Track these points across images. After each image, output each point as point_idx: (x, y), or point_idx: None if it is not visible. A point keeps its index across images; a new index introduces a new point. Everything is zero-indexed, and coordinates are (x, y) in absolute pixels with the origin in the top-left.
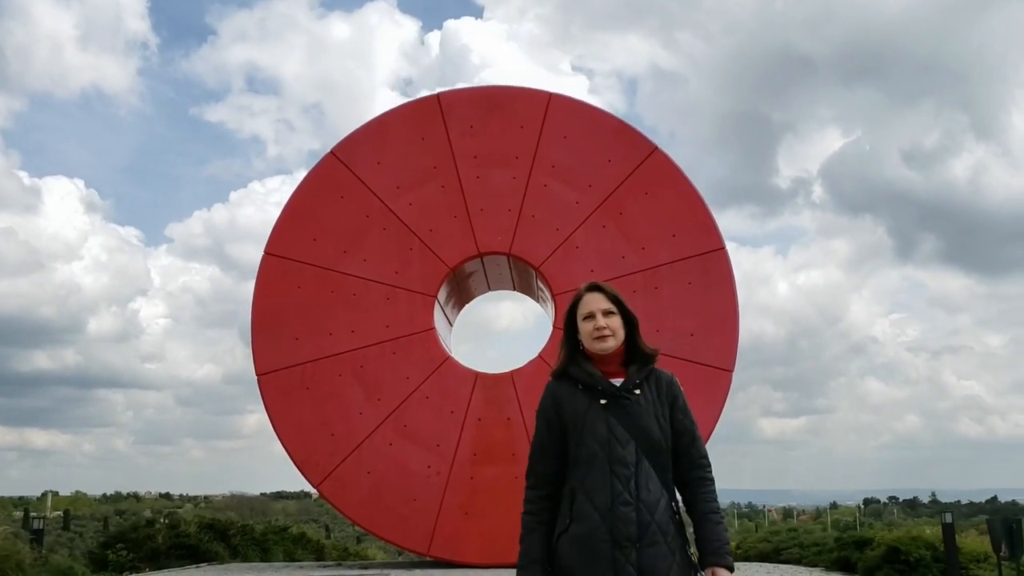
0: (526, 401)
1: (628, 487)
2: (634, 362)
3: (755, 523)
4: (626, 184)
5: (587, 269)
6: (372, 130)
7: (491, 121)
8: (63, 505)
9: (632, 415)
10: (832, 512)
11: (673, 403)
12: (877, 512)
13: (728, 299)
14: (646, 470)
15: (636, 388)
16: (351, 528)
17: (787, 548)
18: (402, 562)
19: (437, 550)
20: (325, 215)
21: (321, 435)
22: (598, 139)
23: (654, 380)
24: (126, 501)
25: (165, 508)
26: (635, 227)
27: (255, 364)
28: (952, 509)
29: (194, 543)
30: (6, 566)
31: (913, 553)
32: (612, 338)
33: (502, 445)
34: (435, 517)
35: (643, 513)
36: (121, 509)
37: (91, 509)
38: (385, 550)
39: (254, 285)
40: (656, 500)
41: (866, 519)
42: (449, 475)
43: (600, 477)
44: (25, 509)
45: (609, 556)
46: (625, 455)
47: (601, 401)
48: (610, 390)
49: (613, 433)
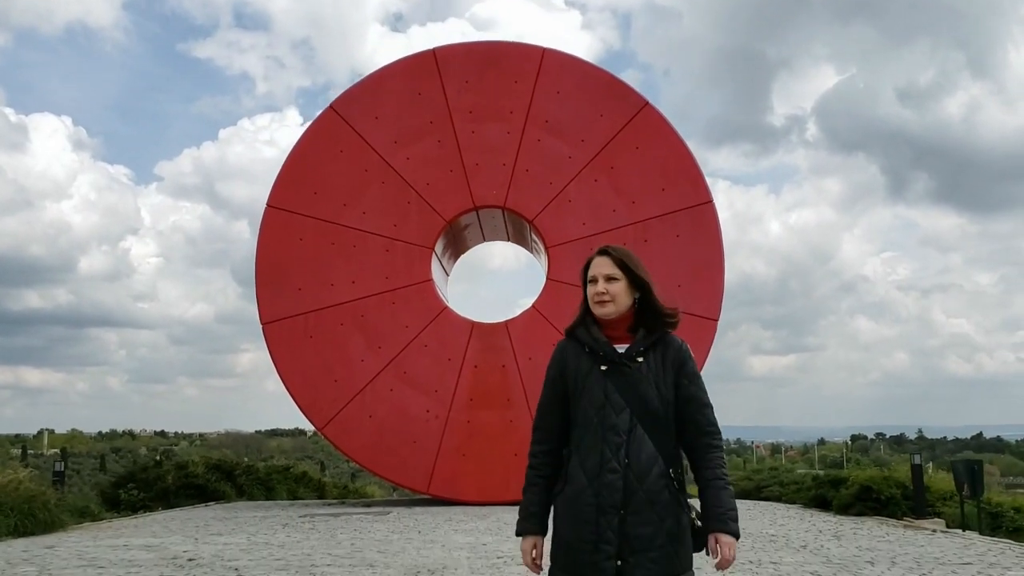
0: (520, 349)
1: (618, 454)
2: (645, 326)
3: (743, 459)
4: (617, 139)
5: (579, 222)
6: (370, 85)
7: (486, 76)
8: (60, 443)
9: (631, 382)
10: (820, 448)
11: (680, 370)
12: (864, 448)
13: (715, 251)
14: (639, 438)
15: (639, 355)
16: (346, 464)
17: (768, 486)
18: (403, 499)
19: (436, 489)
20: (325, 169)
21: (324, 381)
22: (590, 94)
23: (662, 347)
24: (122, 439)
25: (161, 446)
26: (626, 181)
27: (260, 313)
28: (938, 445)
29: (202, 483)
30: (34, 505)
31: (884, 492)
32: (611, 304)
33: (497, 391)
34: (434, 458)
35: (631, 481)
36: (117, 447)
37: (87, 447)
38: (381, 486)
39: (257, 237)
40: (647, 468)
41: (853, 455)
42: (447, 419)
43: (592, 442)
44: (23, 446)
45: (593, 521)
46: (618, 422)
47: (602, 367)
48: (612, 356)
49: (609, 400)
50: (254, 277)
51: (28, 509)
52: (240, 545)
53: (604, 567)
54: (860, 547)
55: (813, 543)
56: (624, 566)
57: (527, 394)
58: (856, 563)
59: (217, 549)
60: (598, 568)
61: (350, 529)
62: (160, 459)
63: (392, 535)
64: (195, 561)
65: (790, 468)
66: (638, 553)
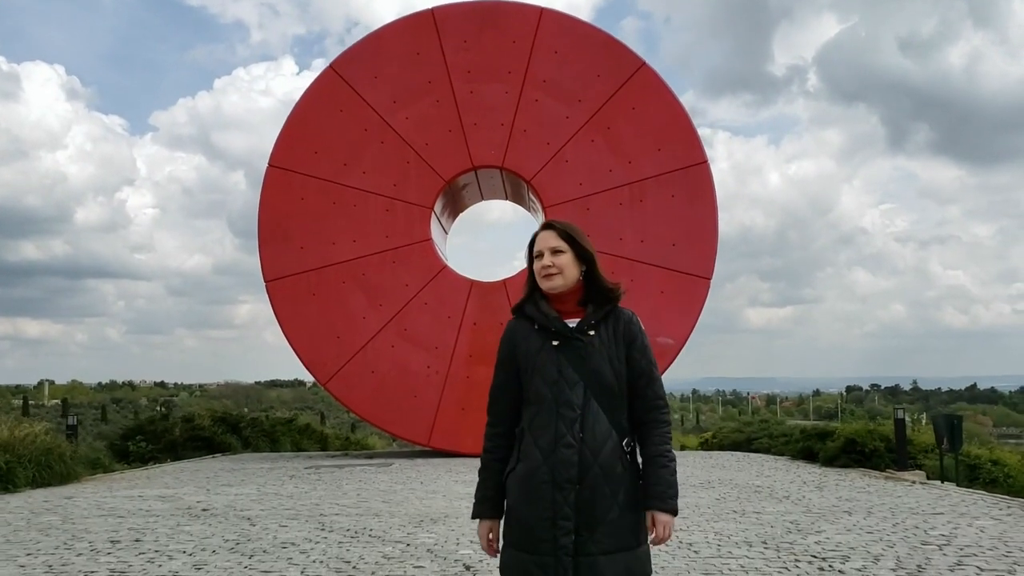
0: None
1: (572, 429)
2: (592, 301)
3: (738, 409)
4: (614, 99)
5: (576, 182)
6: (368, 45)
7: (484, 36)
8: (60, 394)
9: (583, 357)
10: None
11: (631, 343)
12: (859, 399)
13: (709, 211)
14: (594, 412)
15: (591, 329)
16: (346, 415)
17: (758, 438)
18: (404, 451)
19: (437, 441)
20: (325, 129)
21: (328, 337)
22: (588, 54)
23: (612, 320)
24: (121, 390)
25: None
26: (622, 141)
27: (263, 271)
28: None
29: (208, 435)
30: (51, 458)
31: (868, 444)
32: (559, 276)
33: (496, 347)
34: (435, 412)
35: (586, 455)
36: (117, 397)
37: (88, 397)
38: (381, 436)
39: (259, 196)
40: (602, 443)
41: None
42: (447, 374)
43: (546, 419)
44: (24, 397)
45: (549, 496)
46: (572, 397)
47: (554, 342)
48: (563, 331)
49: (562, 375)
50: (257, 235)
51: (45, 461)
52: (251, 496)
53: (563, 543)
54: (840, 497)
55: (796, 494)
56: (580, 540)
57: None
58: (834, 512)
59: (229, 499)
60: (557, 544)
61: (355, 480)
62: (167, 412)
63: (395, 485)
64: (209, 511)
65: (782, 420)
66: (594, 527)
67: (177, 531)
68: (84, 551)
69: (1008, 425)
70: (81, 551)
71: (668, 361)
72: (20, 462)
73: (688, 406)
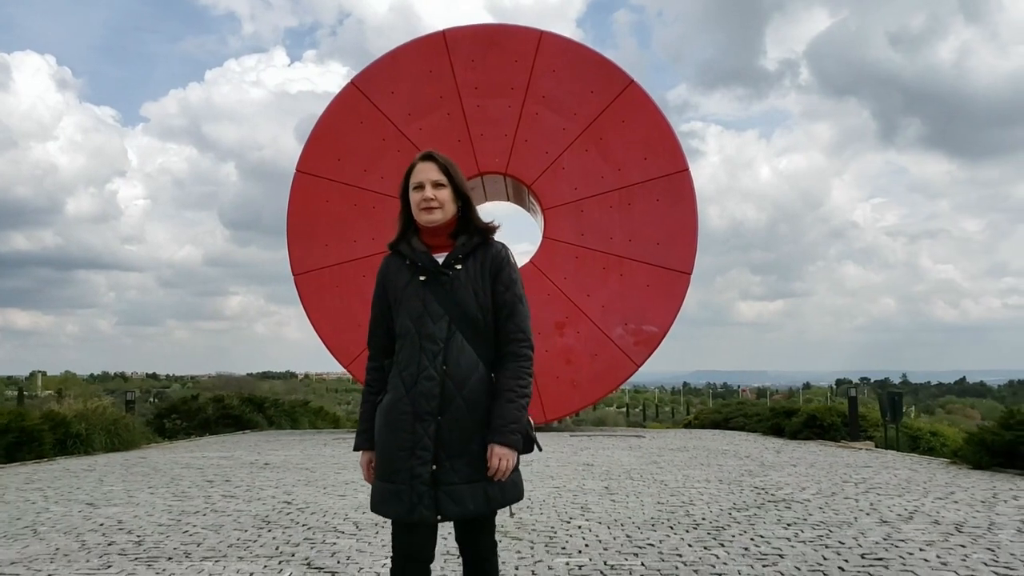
0: None
1: (435, 362)
2: (463, 234)
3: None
4: (606, 113)
5: (572, 187)
6: (386, 63)
7: (489, 56)
8: (53, 385)
9: (449, 290)
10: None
11: (496, 276)
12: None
13: (690, 213)
14: (458, 345)
15: (458, 263)
16: (338, 405)
17: (734, 418)
18: None
19: None
20: (347, 138)
21: (349, 325)
22: (582, 73)
23: (481, 253)
24: (114, 381)
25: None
26: (613, 151)
27: (292, 266)
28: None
29: (237, 413)
30: (119, 426)
31: (827, 420)
32: (439, 210)
33: None
34: None
35: (448, 388)
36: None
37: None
38: None
39: (288, 199)
40: (467, 375)
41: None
42: None
43: (410, 352)
44: (19, 388)
45: (409, 427)
46: (435, 331)
47: (420, 277)
48: (429, 266)
49: (427, 309)
50: (286, 235)
51: (114, 429)
52: (298, 456)
53: (419, 472)
54: (792, 457)
55: (756, 455)
56: (440, 470)
57: None
58: (782, 465)
59: (282, 458)
60: (413, 473)
61: None
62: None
63: None
64: (270, 465)
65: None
66: (455, 458)
67: (255, 475)
68: (190, 488)
69: (996, 418)
70: (187, 488)
71: (652, 348)
72: (95, 430)
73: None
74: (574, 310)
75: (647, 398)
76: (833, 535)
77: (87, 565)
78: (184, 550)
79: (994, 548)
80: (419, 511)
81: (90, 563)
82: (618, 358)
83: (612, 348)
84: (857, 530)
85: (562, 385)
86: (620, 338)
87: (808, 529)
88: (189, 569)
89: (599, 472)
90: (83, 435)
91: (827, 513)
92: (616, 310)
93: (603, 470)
